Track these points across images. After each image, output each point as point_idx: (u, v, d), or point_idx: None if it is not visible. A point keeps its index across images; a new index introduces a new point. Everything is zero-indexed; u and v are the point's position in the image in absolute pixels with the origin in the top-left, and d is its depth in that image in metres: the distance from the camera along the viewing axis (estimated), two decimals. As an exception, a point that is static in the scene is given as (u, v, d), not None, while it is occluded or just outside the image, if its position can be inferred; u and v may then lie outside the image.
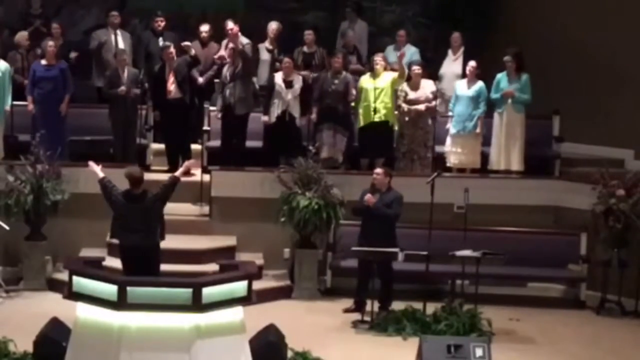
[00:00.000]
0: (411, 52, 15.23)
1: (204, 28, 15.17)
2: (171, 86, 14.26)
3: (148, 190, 10.82)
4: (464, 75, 14.52)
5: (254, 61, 14.52)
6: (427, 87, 14.08)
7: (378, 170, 12.43)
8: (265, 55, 15.00)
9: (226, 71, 14.11)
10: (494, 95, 14.10)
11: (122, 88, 13.97)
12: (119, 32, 15.23)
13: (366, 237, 12.19)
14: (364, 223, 12.33)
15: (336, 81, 14.08)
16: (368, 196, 12.20)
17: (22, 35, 14.90)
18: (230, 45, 14.31)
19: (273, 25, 15.09)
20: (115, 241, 11.25)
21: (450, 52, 15.11)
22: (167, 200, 11.03)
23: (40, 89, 13.97)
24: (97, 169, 11.03)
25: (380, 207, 12.10)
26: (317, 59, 15.08)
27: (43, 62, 14.06)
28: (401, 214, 12.22)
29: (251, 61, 14.29)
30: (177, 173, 11.14)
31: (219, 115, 14.16)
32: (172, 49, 14.33)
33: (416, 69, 14.10)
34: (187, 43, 14.29)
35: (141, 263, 10.69)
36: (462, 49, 15.00)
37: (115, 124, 14.06)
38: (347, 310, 12.45)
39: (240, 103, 14.01)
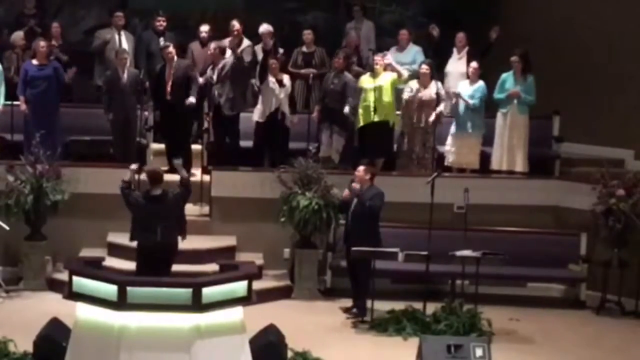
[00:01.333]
0: (414, 51, 15.24)
1: (204, 28, 15.17)
2: (171, 87, 14.24)
3: (168, 190, 10.93)
4: (468, 74, 14.55)
5: (251, 63, 14.48)
6: (432, 87, 14.07)
7: (359, 168, 12.42)
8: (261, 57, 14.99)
9: (210, 71, 14.10)
10: (498, 95, 14.07)
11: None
12: (122, 32, 15.23)
13: (348, 235, 12.29)
14: (346, 222, 12.42)
15: (336, 81, 14.09)
16: (345, 192, 12.30)
17: (17, 35, 14.88)
18: (213, 45, 14.29)
19: (260, 29, 14.99)
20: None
21: (455, 51, 15.12)
22: (188, 199, 11.36)
23: (33, 88, 13.92)
24: (129, 172, 11.25)
25: (357, 194, 12.16)
26: (316, 58, 15.08)
27: (34, 62, 14.01)
28: (382, 207, 12.18)
29: (244, 63, 14.24)
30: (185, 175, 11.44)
31: (207, 118, 14.14)
32: (171, 49, 14.33)
33: (424, 68, 14.11)
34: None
35: (159, 263, 10.86)
36: (466, 49, 15.00)
37: (114, 124, 14.02)
38: (347, 310, 12.46)
39: (229, 103, 14.00)
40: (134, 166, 11.44)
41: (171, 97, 14.20)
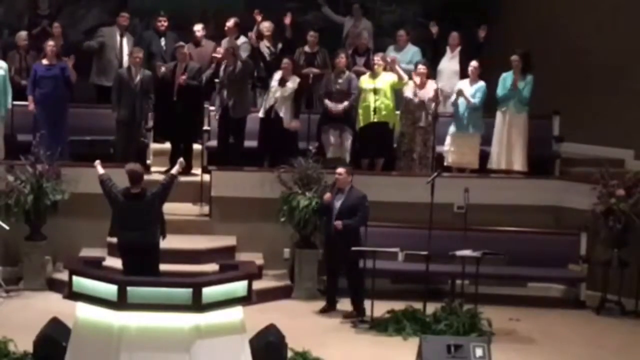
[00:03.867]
0: (412, 51, 15.25)
1: (198, 27, 15.11)
2: (178, 87, 14.19)
3: (147, 188, 10.88)
4: (461, 72, 14.56)
5: (254, 62, 14.47)
6: (430, 87, 14.09)
7: (340, 170, 12.42)
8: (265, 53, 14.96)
9: (222, 72, 14.07)
10: (501, 93, 14.06)
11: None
12: (125, 34, 15.16)
13: (332, 237, 12.25)
14: (327, 223, 12.39)
15: (340, 80, 14.08)
16: (327, 195, 12.28)
17: (19, 36, 14.87)
18: (225, 45, 14.25)
19: (266, 24, 15.02)
20: (114, 240, 11.31)
21: (448, 49, 15.15)
22: (166, 199, 11.11)
23: (41, 88, 13.94)
24: (98, 166, 11.13)
25: (346, 225, 12.09)
26: (319, 59, 15.05)
27: (44, 61, 14.04)
28: (368, 214, 12.23)
29: (251, 65, 14.23)
30: (174, 171, 11.21)
31: (217, 116, 14.11)
32: (185, 50, 14.29)
33: (422, 68, 14.11)
34: (161, 65, 14.21)
35: (140, 262, 10.75)
36: (459, 48, 15.04)
37: (119, 123, 13.97)
38: (322, 311, 12.48)
39: (237, 106, 13.96)
40: (97, 162, 11.35)
41: (177, 98, 14.16)
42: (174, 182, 11.09)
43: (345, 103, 13.91)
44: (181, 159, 11.51)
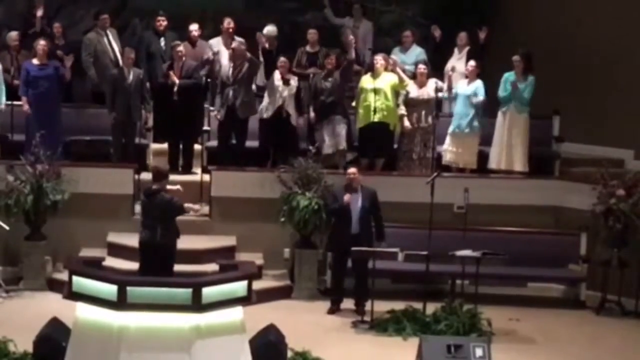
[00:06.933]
0: (417, 52, 15.26)
1: (193, 27, 15.07)
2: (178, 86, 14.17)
3: (161, 190, 11.20)
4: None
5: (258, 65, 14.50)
6: (429, 85, 14.09)
7: (353, 169, 12.47)
8: (261, 57, 14.94)
9: (228, 71, 14.05)
10: (503, 94, 14.05)
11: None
12: (108, 32, 15.13)
13: (344, 236, 12.25)
14: (340, 223, 12.35)
15: (330, 79, 14.06)
16: (347, 196, 12.26)
17: (10, 37, 14.83)
18: (234, 45, 14.20)
19: (266, 31, 14.93)
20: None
21: (456, 50, 15.14)
22: (175, 214, 11.46)
23: (34, 88, 13.87)
24: (193, 206, 11.52)
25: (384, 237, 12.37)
26: (321, 58, 15.03)
27: (35, 61, 13.98)
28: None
29: (257, 66, 14.25)
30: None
31: (219, 116, 14.08)
32: (181, 48, 14.28)
33: (422, 68, 14.12)
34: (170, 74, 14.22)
35: (155, 262, 11.05)
36: (467, 48, 15.02)
37: (115, 124, 13.96)
38: (331, 312, 12.48)
39: (244, 106, 13.95)
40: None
41: (178, 97, 14.14)
42: None
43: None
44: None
